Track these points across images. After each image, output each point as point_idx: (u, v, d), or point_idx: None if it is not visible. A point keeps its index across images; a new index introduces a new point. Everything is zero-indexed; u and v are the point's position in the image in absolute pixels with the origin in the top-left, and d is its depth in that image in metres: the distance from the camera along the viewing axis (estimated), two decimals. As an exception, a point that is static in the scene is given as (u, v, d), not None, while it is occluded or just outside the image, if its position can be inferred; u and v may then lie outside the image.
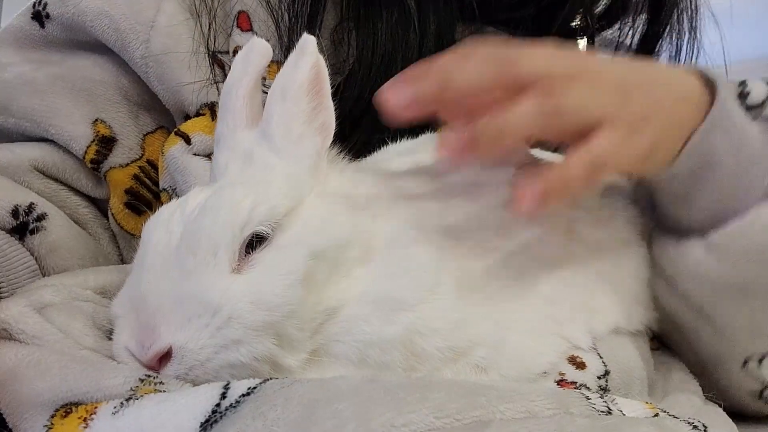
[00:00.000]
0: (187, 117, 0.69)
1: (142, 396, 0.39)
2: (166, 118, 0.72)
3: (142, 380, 0.40)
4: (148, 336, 0.42)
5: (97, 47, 0.69)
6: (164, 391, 0.40)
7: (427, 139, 0.64)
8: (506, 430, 0.34)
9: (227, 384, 0.38)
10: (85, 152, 0.68)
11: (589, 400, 0.40)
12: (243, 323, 0.42)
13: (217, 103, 0.66)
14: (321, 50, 0.69)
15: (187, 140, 0.67)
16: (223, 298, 0.42)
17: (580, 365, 0.51)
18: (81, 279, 0.56)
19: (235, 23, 0.70)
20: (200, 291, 0.42)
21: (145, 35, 0.67)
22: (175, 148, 0.67)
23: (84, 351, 0.44)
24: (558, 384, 0.49)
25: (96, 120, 0.68)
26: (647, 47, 0.77)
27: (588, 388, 0.50)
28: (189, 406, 0.37)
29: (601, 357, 0.53)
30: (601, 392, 0.49)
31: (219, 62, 0.68)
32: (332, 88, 0.67)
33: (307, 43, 0.50)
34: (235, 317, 0.42)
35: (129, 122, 0.70)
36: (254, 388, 0.38)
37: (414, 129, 0.66)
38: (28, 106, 0.67)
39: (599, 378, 0.51)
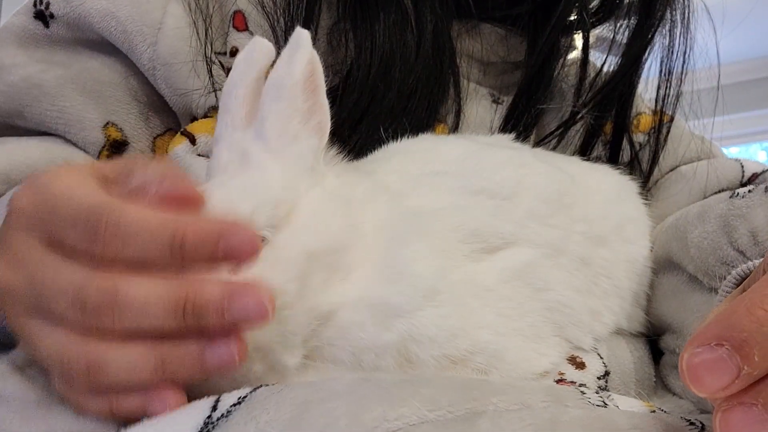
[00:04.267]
0: (194, 119, 0.66)
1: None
2: (173, 120, 0.69)
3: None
4: None
5: (104, 46, 0.66)
6: None
7: (427, 138, 0.62)
8: (500, 421, 0.32)
9: (218, 398, 0.37)
10: (98, 157, 0.65)
11: (585, 395, 0.38)
12: None
13: None
14: (318, 50, 0.67)
15: (192, 140, 0.64)
16: None
17: (580, 365, 0.49)
18: None
19: (231, 23, 0.67)
20: None
21: (153, 38, 0.64)
22: (179, 147, 0.64)
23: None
24: (557, 383, 0.47)
25: (107, 123, 0.65)
26: (640, 41, 0.75)
27: (587, 387, 0.48)
28: (180, 423, 0.35)
29: (601, 358, 0.51)
30: (599, 390, 0.47)
31: (221, 65, 0.66)
32: (331, 89, 0.66)
33: (301, 37, 0.46)
34: None
35: (140, 124, 0.67)
36: (245, 397, 0.36)
37: (414, 128, 0.65)
38: (40, 112, 0.64)
39: (599, 378, 0.49)
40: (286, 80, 0.45)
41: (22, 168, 0.57)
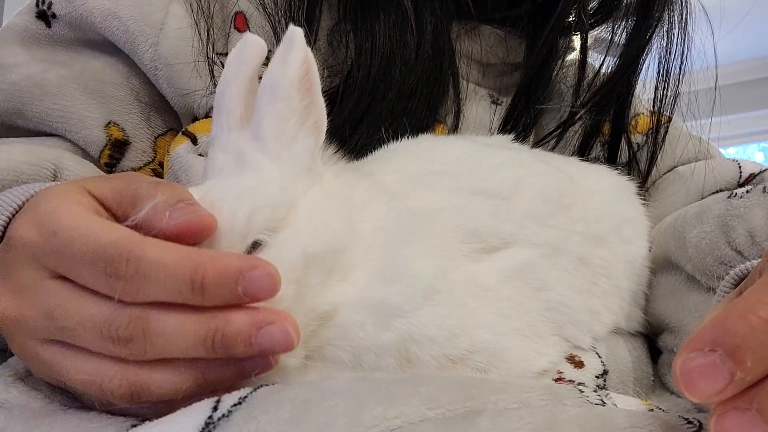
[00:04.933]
0: (195, 119, 0.66)
1: (135, 426, 0.37)
2: (175, 120, 0.69)
3: (134, 425, 0.38)
4: None
5: (106, 46, 0.66)
6: None
7: (426, 139, 0.62)
8: (499, 419, 0.32)
9: (218, 398, 0.36)
10: (99, 156, 0.66)
11: (583, 393, 0.38)
12: None
13: None
14: (318, 51, 0.67)
15: (194, 140, 0.64)
16: None
17: (578, 364, 0.49)
18: None
19: (232, 24, 0.67)
20: None
21: (155, 38, 0.64)
22: (181, 147, 0.64)
23: (71, 409, 0.42)
24: (555, 382, 0.47)
25: (109, 123, 0.65)
26: (638, 42, 0.75)
27: (585, 386, 0.47)
28: (181, 423, 0.35)
29: (600, 357, 0.51)
30: (597, 389, 0.47)
31: (223, 66, 0.66)
32: (331, 90, 0.66)
33: (295, 35, 0.45)
34: None
35: (141, 124, 0.67)
36: (245, 397, 0.36)
37: (414, 129, 0.65)
38: (41, 110, 0.64)
39: (597, 377, 0.49)
40: (282, 81, 0.45)
41: (4, 173, 0.56)
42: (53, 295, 0.38)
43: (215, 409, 0.35)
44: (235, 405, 0.35)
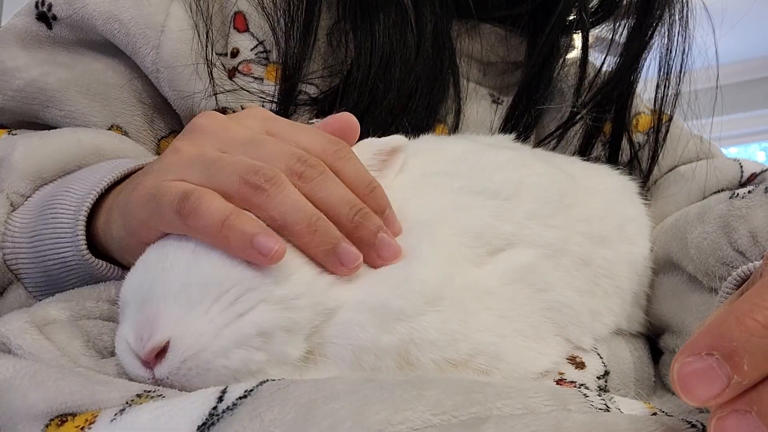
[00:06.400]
0: None
1: (140, 404, 0.37)
2: (177, 122, 0.68)
3: (139, 395, 0.38)
4: (147, 328, 0.41)
5: (108, 48, 0.65)
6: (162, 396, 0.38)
7: (428, 139, 0.62)
8: (504, 426, 0.32)
9: (224, 388, 0.37)
10: None
11: (587, 398, 0.38)
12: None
13: (228, 108, 0.64)
14: (318, 51, 0.67)
15: None
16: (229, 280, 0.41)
17: (580, 365, 0.49)
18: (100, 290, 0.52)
19: (232, 24, 0.67)
20: (207, 274, 0.41)
21: (156, 40, 0.63)
22: None
23: (80, 369, 0.42)
24: (557, 383, 0.47)
25: (111, 126, 0.65)
26: (639, 40, 0.75)
27: (587, 388, 0.47)
28: (185, 410, 0.35)
29: (601, 357, 0.51)
30: (600, 392, 0.47)
31: (223, 66, 0.66)
32: (331, 90, 0.66)
33: (399, 139, 0.54)
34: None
35: (145, 126, 0.67)
36: (251, 390, 0.36)
37: (414, 128, 0.65)
38: (49, 116, 0.64)
39: (599, 378, 0.49)
40: (368, 141, 0.53)
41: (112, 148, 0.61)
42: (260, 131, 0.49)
43: (220, 399, 0.35)
44: (240, 398, 0.35)
